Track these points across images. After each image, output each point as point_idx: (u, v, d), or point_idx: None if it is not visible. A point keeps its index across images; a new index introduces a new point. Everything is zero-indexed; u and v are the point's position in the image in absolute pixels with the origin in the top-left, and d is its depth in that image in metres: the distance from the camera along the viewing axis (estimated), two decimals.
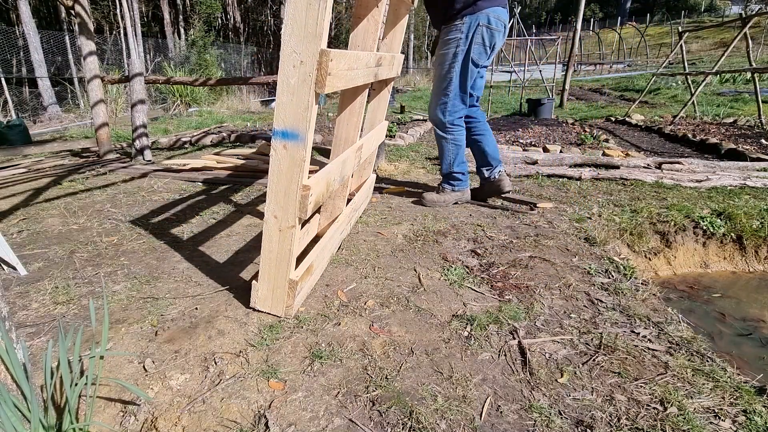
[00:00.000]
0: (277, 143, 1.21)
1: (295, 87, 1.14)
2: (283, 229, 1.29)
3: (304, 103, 1.15)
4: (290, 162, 1.21)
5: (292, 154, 1.20)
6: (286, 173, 1.23)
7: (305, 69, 1.12)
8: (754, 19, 5.54)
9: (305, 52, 1.11)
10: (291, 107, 1.17)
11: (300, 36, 1.10)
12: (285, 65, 1.14)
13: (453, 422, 1.02)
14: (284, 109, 1.17)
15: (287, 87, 1.15)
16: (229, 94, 11.92)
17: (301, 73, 1.13)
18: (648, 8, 39.17)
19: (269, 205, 1.28)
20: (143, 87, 4.03)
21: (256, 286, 1.41)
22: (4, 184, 3.29)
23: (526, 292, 1.62)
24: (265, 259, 1.35)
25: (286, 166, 1.22)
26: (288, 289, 1.37)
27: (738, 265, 2.35)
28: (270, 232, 1.31)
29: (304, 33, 1.09)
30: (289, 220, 1.28)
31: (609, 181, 3.15)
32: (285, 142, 1.20)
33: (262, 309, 1.44)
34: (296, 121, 1.17)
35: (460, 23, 2.20)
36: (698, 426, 0.99)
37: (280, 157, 1.22)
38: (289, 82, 1.14)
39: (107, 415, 1.04)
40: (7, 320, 0.85)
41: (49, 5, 21.31)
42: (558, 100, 8.84)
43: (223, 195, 2.92)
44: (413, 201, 2.74)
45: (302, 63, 1.12)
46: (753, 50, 5.86)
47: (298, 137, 1.18)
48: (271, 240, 1.32)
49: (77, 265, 1.84)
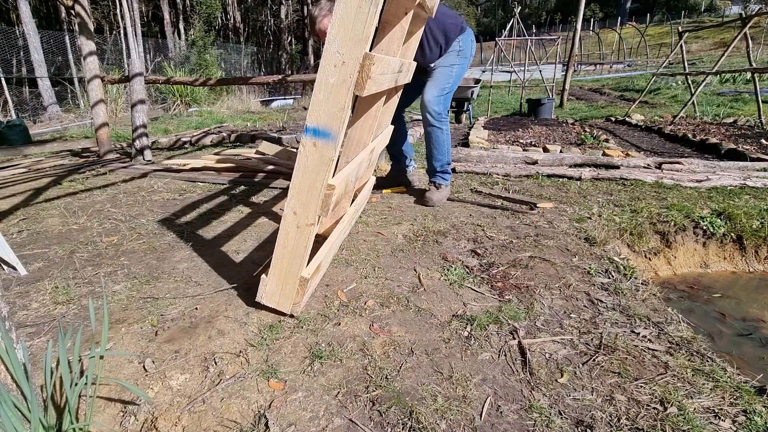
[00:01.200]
0: (307, 140, 1.21)
1: (334, 86, 1.15)
2: (302, 226, 1.29)
3: (340, 103, 1.16)
4: (318, 160, 1.21)
5: (321, 153, 1.20)
6: (313, 170, 1.23)
7: (346, 70, 1.13)
8: (754, 19, 5.53)
9: (349, 54, 1.12)
10: (326, 106, 1.17)
11: (346, 37, 1.11)
12: (326, 64, 1.14)
13: (453, 422, 1.02)
14: (319, 107, 1.18)
15: (325, 86, 1.15)
16: (229, 94, 11.92)
17: (341, 74, 1.14)
18: (648, 8, 39.16)
19: (290, 201, 1.28)
20: (143, 87, 4.03)
21: (265, 281, 1.40)
22: (4, 184, 3.29)
23: (526, 292, 1.62)
24: (279, 254, 1.34)
25: (313, 164, 1.22)
26: (298, 286, 1.36)
27: (738, 265, 2.35)
28: (287, 227, 1.31)
29: (351, 35, 1.10)
30: (309, 218, 1.28)
31: (609, 181, 3.15)
32: (315, 140, 1.20)
33: (267, 304, 1.42)
34: (330, 120, 1.18)
35: (456, 42, 2.46)
36: (698, 426, 0.99)
37: (308, 154, 1.22)
38: (328, 81, 1.15)
39: (107, 415, 1.04)
40: (7, 320, 0.85)
41: (49, 5, 21.31)
42: (558, 100, 8.84)
43: (223, 195, 2.92)
44: (414, 201, 2.74)
45: (344, 64, 1.13)
46: (753, 50, 5.86)
47: (329, 136, 1.19)
48: (287, 236, 1.32)
49: (77, 265, 1.84)
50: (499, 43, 9.76)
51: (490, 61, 10.57)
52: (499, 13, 43.39)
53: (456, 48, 2.46)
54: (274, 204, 2.71)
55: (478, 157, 3.79)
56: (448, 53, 2.47)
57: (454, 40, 2.44)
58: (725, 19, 19.08)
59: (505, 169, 3.41)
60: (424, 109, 2.51)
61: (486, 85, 12.13)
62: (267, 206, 2.67)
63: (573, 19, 8.49)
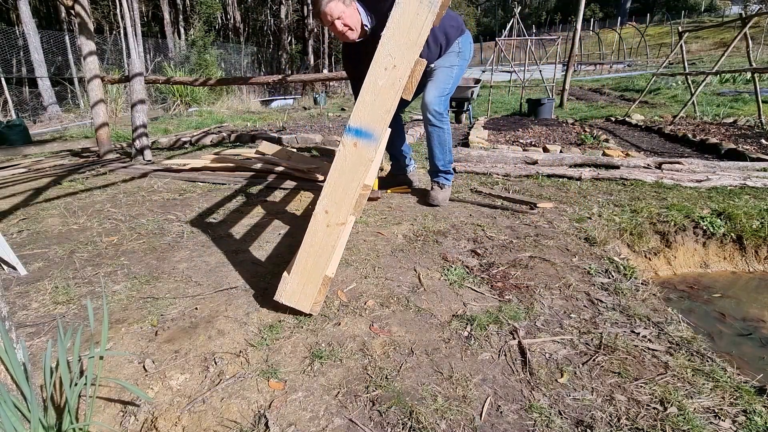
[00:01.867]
0: (348, 140, 1.21)
1: (382, 89, 1.16)
2: (332, 225, 1.29)
3: (387, 105, 1.17)
4: (357, 160, 1.22)
5: (361, 153, 1.21)
6: (350, 170, 1.23)
7: (397, 74, 1.14)
8: (754, 19, 5.53)
9: (401, 58, 1.13)
10: (372, 107, 1.18)
11: (399, 42, 1.12)
12: (376, 66, 1.15)
13: (453, 422, 1.02)
14: (364, 108, 1.18)
15: (373, 87, 1.16)
16: (229, 94, 11.92)
17: (391, 77, 1.15)
18: (648, 8, 39.15)
19: (322, 200, 1.28)
20: (143, 87, 4.03)
21: (287, 279, 1.38)
22: (4, 184, 3.29)
23: (526, 292, 1.62)
24: (304, 252, 1.33)
25: (351, 164, 1.22)
26: (321, 285, 1.36)
27: (738, 265, 2.35)
28: (316, 226, 1.30)
29: (406, 40, 1.12)
30: (340, 217, 1.28)
31: (609, 181, 3.15)
32: (357, 140, 1.20)
33: (287, 303, 1.40)
34: (374, 121, 1.18)
35: (456, 43, 2.47)
36: (698, 426, 0.99)
37: (347, 153, 1.22)
38: (377, 83, 1.16)
39: (107, 415, 1.04)
40: (7, 320, 0.85)
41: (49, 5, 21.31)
42: (558, 100, 8.84)
43: (223, 195, 2.92)
44: (417, 201, 2.75)
45: (395, 67, 1.14)
46: (753, 50, 5.86)
47: (372, 137, 1.19)
48: (315, 234, 1.31)
49: (77, 265, 1.84)
50: (499, 43, 9.76)
51: (490, 61, 10.57)
52: (499, 13, 43.40)
53: (456, 49, 2.48)
54: (274, 204, 2.71)
55: (478, 157, 3.79)
56: (448, 54, 2.48)
57: (454, 41, 2.45)
58: (725, 19, 19.08)
59: (505, 169, 3.41)
60: (426, 110, 2.51)
61: (486, 85, 12.13)
62: (267, 206, 2.67)
63: (573, 19, 8.49)
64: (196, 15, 21.44)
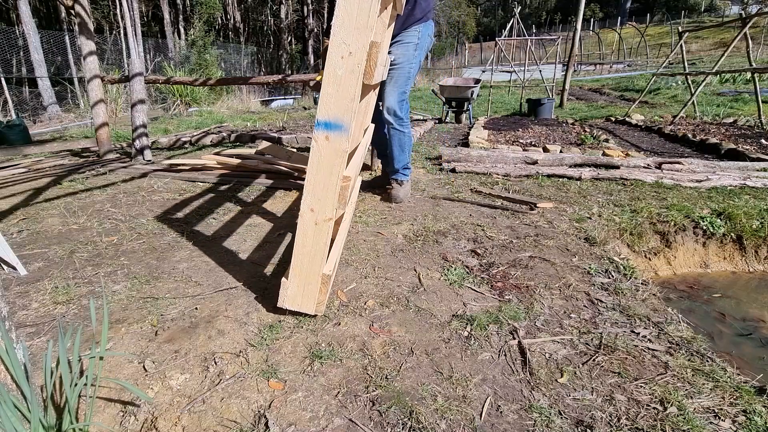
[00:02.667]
0: (319, 134, 1.20)
1: (342, 78, 1.15)
2: (319, 222, 1.29)
3: (350, 94, 1.16)
4: (332, 153, 1.21)
5: (334, 145, 1.20)
6: (327, 164, 1.22)
7: (354, 60, 1.13)
8: (754, 19, 5.54)
9: (355, 44, 1.12)
10: (336, 98, 1.17)
11: (350, 28, 1.11)
12: (333, 56, 1.14)
13: (453, 422, 1.02)
14: (329, 100, 1.18)
15: (333, 78, 1.16)
16: (229, 94, 11.92)
17: (349, 64, 1.14)
18: (648, 8, 39.15)
19: (306, 199, 1.27)
20: (143, 87, 4.03)
21: (286, 284, 1.37)
22: (4, 184, 3.29)
23: (526, 292, 1.62)
24: (298, 254, 1.33)
25: (327, 157, 1.22)
26: (321, 284, 1.35)
27: (738, 265, 2.35)
28: (305, 226, 1.30)
29: (356, 24, 1.11)
30: (326, 213, 1.27)
31: (609, 181, 3.15)
32: (328, 133, 1.20)
33: (291, 308, 1.40)
34: (341, 111, 1.18)
35: (415, 32, 2.38)
36: (698, 426, 0.99)
37: (321, 148, 1.22)
38: (336, 73, 1.15)
39: (107, 415, 1.04)
40: (7, 320, 0.85)
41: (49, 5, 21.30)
42: (558, 100, 8.84)
43: (223, 195, 2.92)
44: (380, 199, 2.78)
45: (351, 54, 1.13)
46: (753, 50, 5.86)
47: (341, 128, 1.19)
48: (305, 234, 1.30)
49: (77, 265, 1.84)
50: (499, 43, 9.76)
51: (490, 61, 10.57)
52: (499, 13, 43.40)
53: (414, 40, 2.37)
54: (274, 204, 2.71)
55: (478, 157, 3.79)
56: (407, 44, 2.37)
57: (419, 19, 2.33)
58: (725, 19, 19.08)
59: (505, 169, 3.41)
60: (387, 113, 2.46)
61: (486, 85, 12.13)
62: (267, 206, 2.67)
63: (573, 19, 8.49)
64: (196, 15, 21.44)
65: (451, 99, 7.11)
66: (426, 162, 3.88)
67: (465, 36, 36.42)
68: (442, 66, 27.14)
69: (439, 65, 28.17)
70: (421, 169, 3.65)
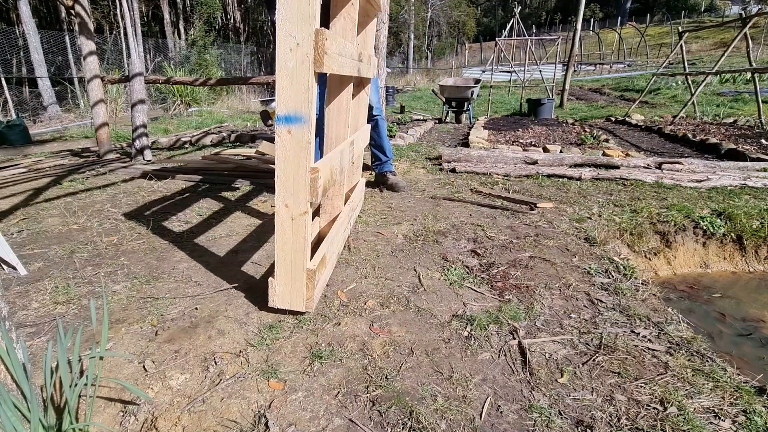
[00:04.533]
0: (282, 129, 1.21)
1: (294, 70, 1.16)
2: (296, 217, 1.29)
3: (304, 84, 1.16)
4: (296, 146, 1.22)
5: (297, 138, 1.21)
6: (294, 158, 1.23)
7: (302, 50, 1.14)
8: (754, 19, 5.54)
9: (301, 34, 1.12)
10: (291, 91, 1.17)
11: (294, 19, 1.12)
12: (282, 50, 1.15)
13: (453, 422, 1.02)
14: (285, 94, 1.18)
15: (286, 71, 1.16)
16: (229, 94, 11.92)
17: (298, 56, 1.14)
18: (648, 8, 39.14)
19: (279, 195, 1.28)
20: (143, 87, 4.03)
21: (273, 283, 1.38)
22: (4, 184, 3.28)
23: (526, 292, 1.62)
24: (280, 251, 1.33)
25: (292, 151, 1.23)
26: (307, 280, 1.35)
27: (738, 265, 2.35)
28: (282, 222, 1.30)
29: (298, 16, 1.11)
30: (300, 207, 1.28)
31: (609, 181, 3.15)
32: (289, 127, 1.20)
33: (281, 306, 1.40)
34: (298, 104, 1.18)
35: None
36: (698, 426, 0.99)
37: (285, 143, 1.22)
38: (287, 66, 1.16)
39: (107, 415, 1.04)
40: (7, 320, 0.85)
41: (49, 5, 21.29)
42: (558, 100, 8.84)
43: (223, 195, 2.92)
44: (382, 193, 2.85)
45: (299, 45, 1.13)
46: (753, 50, 5.86)
47: (301, 120, 1.19)
48: (284, 231, 1.31)
49: (77, 265, 1.84)
50: (499, 43, 9.76)
51: (490, 61, 10.57)
52: (499, 13, 43.41)
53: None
54: (274, 203, 2.71)
55: (478, 157, 3.79)
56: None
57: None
58: (725, 19, 19.08)
59: (505, 169, 3.41)
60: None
61: (486, 85, 12.13)
62: (267, 206, 2.67)
63: (573, 19, 8.49)
64: (196, 15, 21.43)
65: (451, 99, 7.11)
66: (426, 162, 3.88)
67: (465, 36, 36.43)
68: (442, 66, 27.15)
69: (439, 65, 28.18)
70: (421, 169, 3.65)
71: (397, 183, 2.95)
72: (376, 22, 2.26)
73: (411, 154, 4.26)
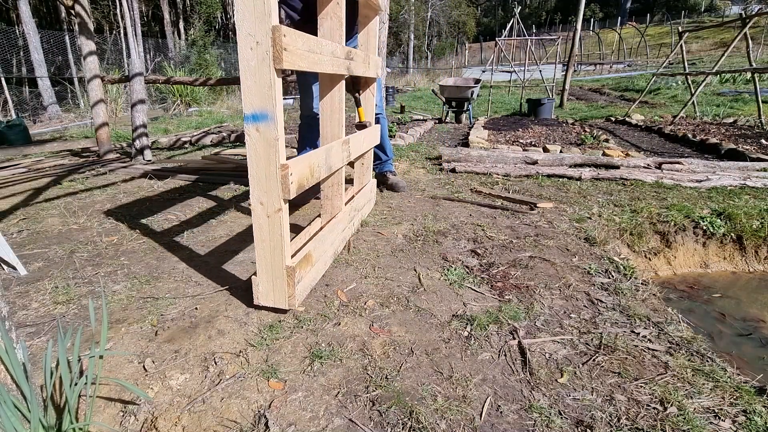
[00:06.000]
0: (250, 128, 1.23)
1: (256, 68, 1.17)
2: (271, 215, 1.30)
3: (267, 82, 1.18)
4: (265, 143, 1.23)
5: (265, 136, 1.22)
6: (264, 156, 1.25)
7: (262, 48, 1.15)
8: (754, 19, 5.54)
9: (259, 32, 1.14)
10: (256, 89, 1.19)
11: (252, 18, 1.13)
12: (243, 49, 1.17)
13: (453, 422, 1.02)
14: (250, 93, 1.20)
15: (249, 70, 1.18)
16: (229, 94, 11.93)
17: (259, 54, 1.16)
18: (648, 8, 39.14)
19: (253, 193, 1.29)
20: (143, 87, 4.03)
21: (256, 281, 1.40)
22: (4, 183, 3.28)
23: (526, 292, 1.62)
24: (260, 249, 1.35)
25: (262, 149, 1.24)
26: (287, 276, 1.36)
27: (738, 265, 2.35)
28: (259, 220, 1.32)
29: (254, 14, 1.12)
30: (274, 204, 1.29)
31: (609, 181, 3.15)
32: (257, 125, 1.22)
33: (265, 304, 1.42)
34: (263, 101, 1.20)
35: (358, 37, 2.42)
36: (698, 426, 0.99)
37: (254, 141, 1.24)
38: (250, 64, 1.18)
39: (107, 415, 1.04)
40: (7, 320, 0.85)
41: (49, 5, 21.30)
42: (558, 100, 8.84)
43: (223, 195, 2.92)
44: (383, 192, 2.85)
45: (258, 44, 1.15)
46: (753, 50, 5.86)
47: (267, 117, 1.21)
48: (261, 229, 1.33)
49: (77, 264, 1.84)
50: (499, 43, 9.76)
51: (490, 61, 10.57)
52: (499, 13, 43.42)
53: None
54: None
55: (478, 157, 3.79)
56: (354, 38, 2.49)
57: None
58: (725, 19, 19.07)
59: (505, 169, 3.41)
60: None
61: (486, 85, 12.14)
62: None
63: (573, 19, 8.50)
64: (196, 15, 21.43)
65: (451, 99, 7.11)
66: (426, 162, 3.88)
67: (465, 36, 36.44)
68: (442, 66, 27.15)
69: (439, 65, 28.18)
70: (421, 169, 3.65)
71: (397, 183, 2.95)
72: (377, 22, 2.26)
73: (411, 154, 4.26)
